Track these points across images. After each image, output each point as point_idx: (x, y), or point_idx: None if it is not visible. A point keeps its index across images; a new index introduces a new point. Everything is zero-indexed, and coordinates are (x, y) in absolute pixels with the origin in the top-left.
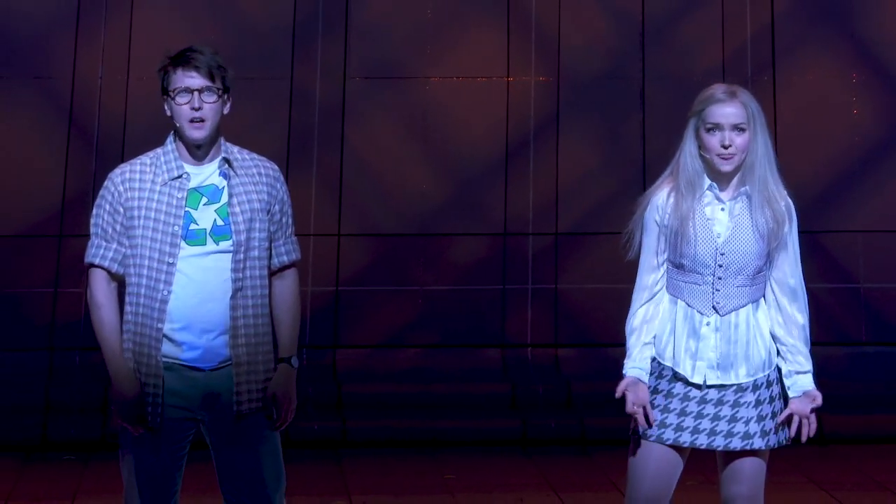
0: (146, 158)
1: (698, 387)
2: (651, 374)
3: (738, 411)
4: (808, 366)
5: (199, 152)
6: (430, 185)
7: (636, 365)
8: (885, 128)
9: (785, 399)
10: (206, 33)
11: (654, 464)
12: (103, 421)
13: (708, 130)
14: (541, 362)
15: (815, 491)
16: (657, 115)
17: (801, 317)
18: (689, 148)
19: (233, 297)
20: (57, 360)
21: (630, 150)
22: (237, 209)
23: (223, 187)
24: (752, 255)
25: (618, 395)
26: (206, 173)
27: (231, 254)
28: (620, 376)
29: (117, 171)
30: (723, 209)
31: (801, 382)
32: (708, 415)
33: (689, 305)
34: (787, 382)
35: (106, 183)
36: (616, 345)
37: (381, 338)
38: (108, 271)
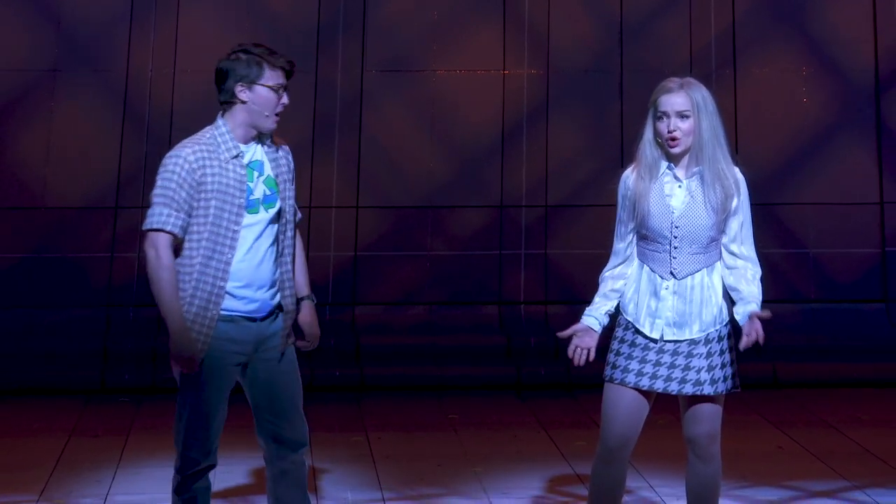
0: (204, 138)
1: (655, 341)
2: (619, 325)
3: (690, 361)
4: (754, 299)
5: (255, 136)
6: (436, 164)
7: (591, 314)
8: (830, 114)
9: (736, 352)
10: (240, 31)
11: (625, 405)
12: (153, 368)
13: (658, 118)
14: (532, 317)
15: (770, 429)
16: (634, 105)
17: (753, 267)
18: (647, 135)
19: (280, 255)
20: (113, 316)
21: (610, 135)
22: (278, 179)
23: (265, 161)
24: (705, 227)
25: (565, 335)
26: (252, 150)
27: (277, 219)
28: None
29: (187, 149)
30: (679, 186)
31: (747, 310)
32: (664, 363)
33: (652, 270)
34: (737, 316)
35: (175, 159)
36: None
37: (394, 296)
38: (174, 237)
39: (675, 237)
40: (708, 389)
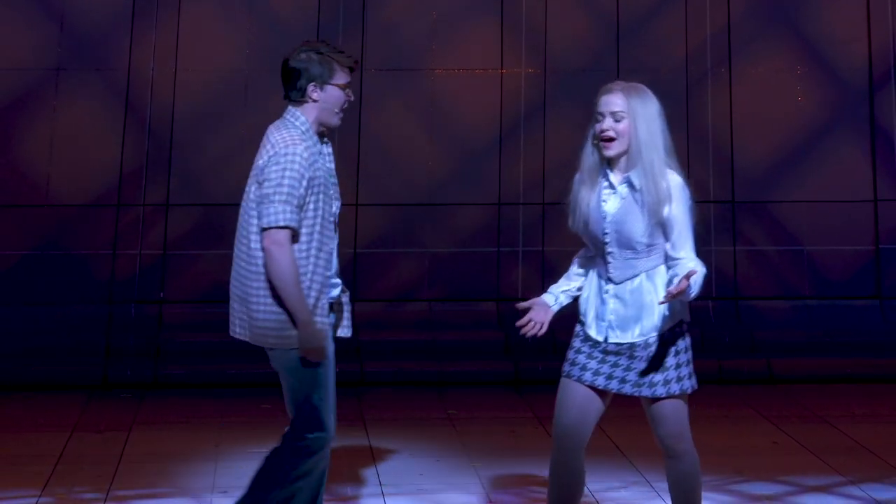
0: (298, 133)
1: (600, 343)
2: (579, 322)
3: (632, 363)
4: (685, 269)
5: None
6: (435, 162)
7: (551, 291)
8: (825, 113)
9: (692, 352)
10: (241, 31)
11: (578, 399)
12: (155, 364)
13: (597, 119)
14: None
15: (764, 423)
16: None
17: (693, 263)
18: (590, 136)
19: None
20: (115, 312)
21: None
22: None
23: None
24: (636, 232)
25: (523, 306)
26: (322, 144)
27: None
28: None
29: (300, 146)
30: (613, 192)
31: (675, 272)
32: (608, 362)
33: (598, 275)
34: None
35: (293, 157)
36: None
37: (394, 293)
38: (295, 233)
39: (607, 243)
40: (646, 392)
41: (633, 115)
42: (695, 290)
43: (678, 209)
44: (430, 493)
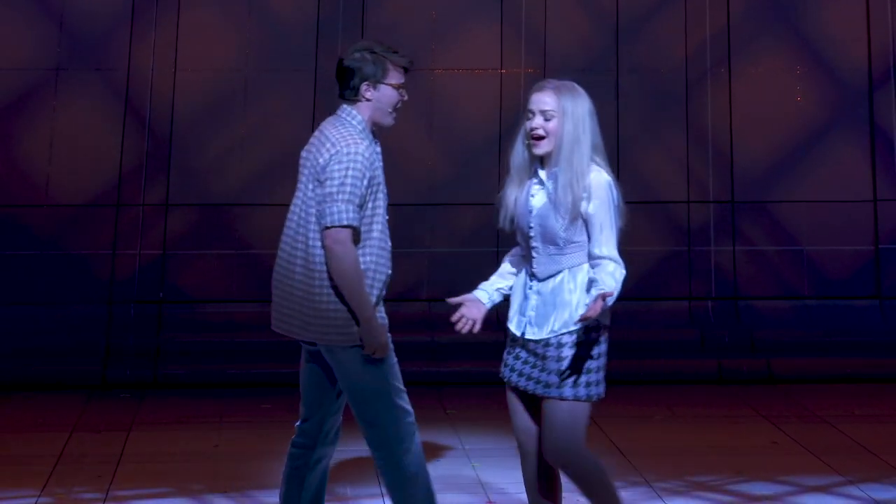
0: (356, 132)
1: (517, 338)
2: (510, 322)
3: (544, 363)
4: (604, 285)
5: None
6: (434, 162)
7: (483, 288)
8: (824, 113)
9: (605, 358)
10: (242, 32)
11: (516, 401)
12: (155, 364)
13: (527, 117)
14: None
15: (764, 423)
16: (629, 104)
17: (613, 265)
18: (521, 133)
19: None
20: (114, 312)
21: (605, 134)
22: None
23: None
24: (556, 228)
25: (455, 301)
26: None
27: None
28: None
29: (361, 145)
30: (541, 188)
31: (594, 291)
32: (529, 362)
33: (525, 272)
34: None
35: (355, 156)
36: None
37: (394, 293)
38: (357, 231)
39: (532, 237)
40: (554, 392)
41: (562, 114)
42: (612, 300)
43: (599, 207)
44: None
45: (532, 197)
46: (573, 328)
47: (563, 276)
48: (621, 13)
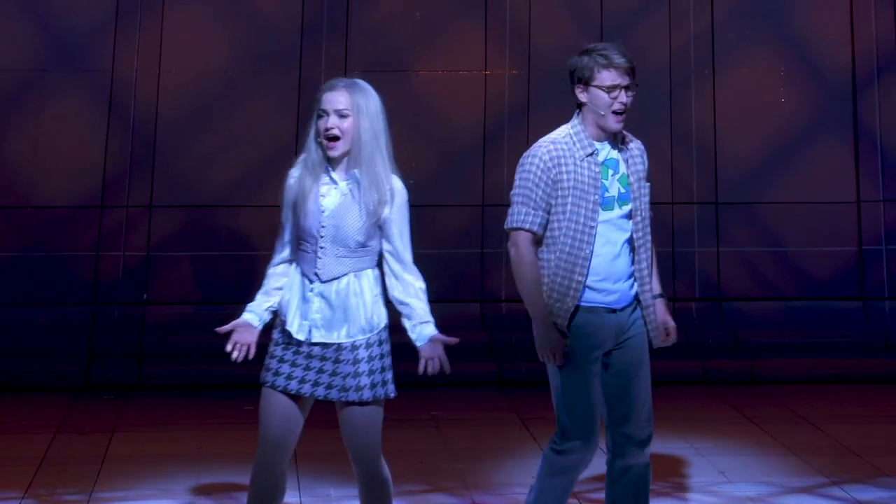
0: (560, 137)
1: (303, 343)
2: (276, 327)
3: (337, 367)
4: (429, 318)
5: (604, 135)
6: (419, 163)
7: (251, 310)
8: (807, 114)
9: (392, 358)
10: (225, 32)
11: (280, 410)
12: (139, 366)
13: (319, 116)
14: (514, 315)
15: (748, 424)
16: None
17: (417, 281)
18: (313, 133)
19: (635, 251)
20: (98, 314)
21: None
22: (632, 178)
23: (619, 160)
24: (353, 230)
25: (223, 330)
26: (607, 149)
27: (630, 216)
28: None
29: (542, 148)
30: (335, 188)
31: (424, 331)
32: (313, 368)
33: (302, 273)
34: (412, 336)
35: (531, 159)
36: None
37: None
38: (535, 234)
39: (322, 237)
40: (353, 396)
41: (357, 112)
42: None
43: (398, 212)
44: (413, 495)
45: (323, 197)
46: (368, 332)
47: (349, 279)
48: (605, 14)
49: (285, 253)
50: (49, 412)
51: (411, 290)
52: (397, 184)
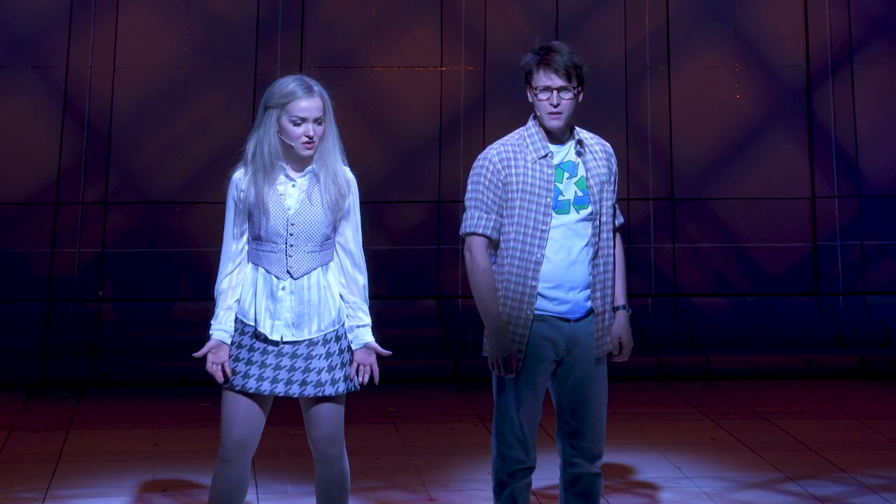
0: (513, 139)
1: (276, 343)
2: (236, 331)
3: (310, 363)
4: (368, 320)
5: (558, 136)
6: (375, 160)
7: (221, 328)
8: (762, 110)
9: (350, 353)
10: (180, 28)
11: (244, 410)
12: (94, 363)
13: (295, 123)
14: (470, 311)
15: (703, 419)
16: None
17: (361, 277)
18: (270, 136)
19: (593, 258)
20: (53, 310)
21: None
22: (591, 182)
23: (578, 163)
24: (320, 225)
25: (199, 355)
26: (565, 151)
27: (590, 221)
28: (208, 337)
29: (493, 151)
30: (294, 185)
31: (362, 336)
32: (284, 366)
33: (267, 272)
34: (350, 336)
35: (481, 161)
36: None
37: None
38: (489, 239)
39: (291, 235)
40: (329, 390)
41: (327, 118)
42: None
43: (354, 204)
44: (370, 492)
45: (283, 196)
46: (337, 324)
47: (318, 273)
48: (561, 11)
49: (237, 258)
50: (3, 410)
51: (354, 288)
52: (350, 175)
